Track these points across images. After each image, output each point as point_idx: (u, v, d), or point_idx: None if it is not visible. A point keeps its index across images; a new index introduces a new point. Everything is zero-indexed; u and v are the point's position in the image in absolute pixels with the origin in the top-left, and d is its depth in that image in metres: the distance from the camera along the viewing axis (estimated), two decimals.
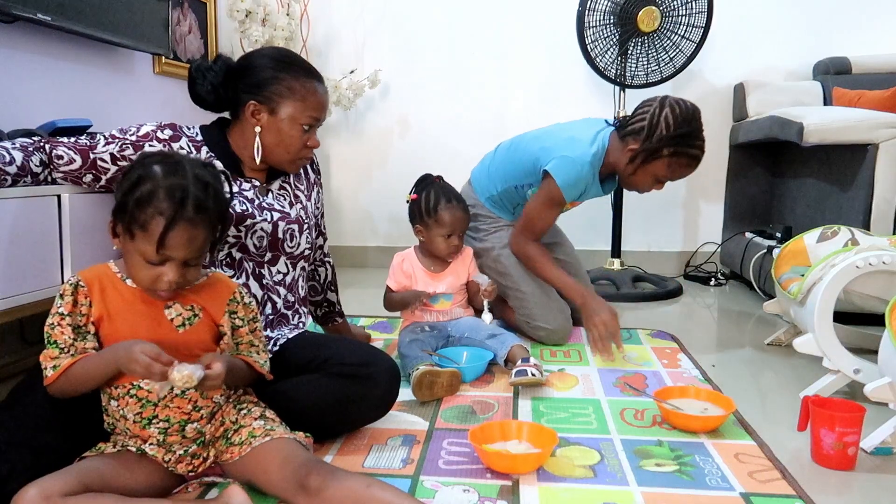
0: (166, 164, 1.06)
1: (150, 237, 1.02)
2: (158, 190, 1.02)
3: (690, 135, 1.84)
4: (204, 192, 1.05)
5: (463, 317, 1.95)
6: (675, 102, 1.85)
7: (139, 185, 1.03)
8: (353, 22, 3.35)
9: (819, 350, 1.57)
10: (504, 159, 2.14)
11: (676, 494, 1.15)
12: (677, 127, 1.82)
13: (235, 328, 1.17)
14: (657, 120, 1.84)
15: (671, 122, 1.82)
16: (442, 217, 1.86)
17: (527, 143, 2.08)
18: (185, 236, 1.03)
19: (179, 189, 1.03)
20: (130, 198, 1.02)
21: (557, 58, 3.26)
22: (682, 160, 1.87)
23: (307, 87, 1.41)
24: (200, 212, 1.04)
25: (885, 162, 2.09)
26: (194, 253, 1.07)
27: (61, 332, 1.04)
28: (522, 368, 1.65)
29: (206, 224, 1.07)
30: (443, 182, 1.95)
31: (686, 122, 1.83)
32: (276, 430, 1.13)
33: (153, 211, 1.01)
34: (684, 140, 1.84)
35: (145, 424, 1.09)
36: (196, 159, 1.12)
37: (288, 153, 1.43)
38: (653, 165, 1.89)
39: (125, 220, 1.03)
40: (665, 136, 1.83)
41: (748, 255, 2.63)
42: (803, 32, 3.14)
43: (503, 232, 2.15)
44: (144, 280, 1.06)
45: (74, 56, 2.06)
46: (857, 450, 1.27)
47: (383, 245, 3.47)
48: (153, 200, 1.01)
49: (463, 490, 1.16)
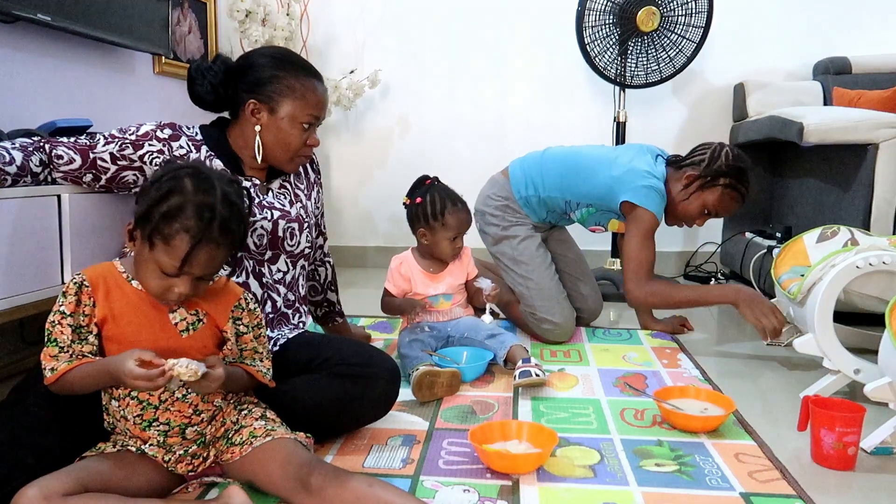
0: (197, 179, 1.04)
1: (172, 251, 1.01)
2: (187, 206, 1.01)
3: (745, 173, 2.00)
4: (230, 212, 1.05)
5: (463, 317, 1.95)
6: (732, 147, 2.03)
7: (168, 197, 1.02)
8: (353, 22, 3.35)
9: (819, 350, 1.57)
10: (562, 172, 2.14)
11: (676, 494, 1.15)
12: (736, 161, 1.99)
13: (240, 335, 1.17)
14: (718, 154, 2.00)
15: (731, 157, 1.99)
16: (448, 221, 1.85)
17: (592, 166, 2.11)
18: (206, 256, 1.03)
19: (208, 208, 1.02)
20: (157, 208, 1.01)
21: (557, 58, 3.26)
22: (734, 194, 2.01)
23: (306, 85, 1.41)
24: (225, 233, 1.04)
25: (885, 162, 2.09)
26: (211, 270, 1.07)
27: (61, 332, 1.04)
28: (526, 369, 1.64)
29: (228, 244, 1.07)
30: (441, 183, 1.94)
31: (742, 160, 2.00)
32: (277, 431, 1.13)
33: (179, 227, 1.01)
34: (740, 174, 1.99)
35: (145, 427, 1.09)
36: (224, 175, 1.11)
37: (288, 152, 1.43)
38: (707, 193, 2.02)
39: (148, 229, 1.02)
40: (724, 165, 1.98)
41: (748, 255, 2.63)
42: (803, 32, 3.14)
43: (527, 227, 2.18)
44: (155, 289, 1.06)
45: (74, 56, 2.06)
46: (857, 450, 1.27)
47: (383, 245, 3.47)
48: (181, 216, 1.01)
49: (463, 490, 1.16)
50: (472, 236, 2.24)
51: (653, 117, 3.23)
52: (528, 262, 2.13)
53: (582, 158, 2.15)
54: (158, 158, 1.35)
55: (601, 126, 3.15)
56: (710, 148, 2.03)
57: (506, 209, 2.19)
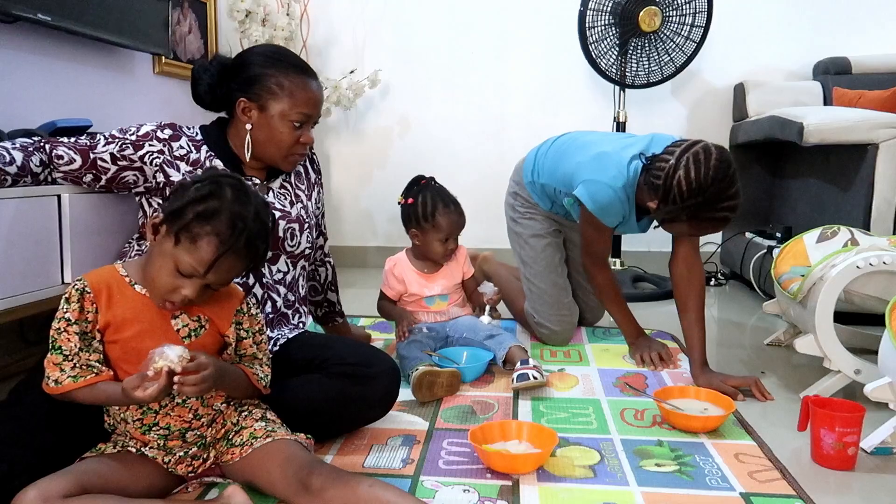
0: (238, 191, 1.06)
1: (196, 251, 1.02)
2: (223, 212, 1.02)
3: (707, 203, 1.56)
4: (259, 229, 1.07)
5: (461, 316, 1.94)
6: (693, 162, 1.55)
7: (207, 199, 1.03)
8: (353, 22, 3.35)
9: (819, 350, 1.57)
10: (553, 157, 2.00)
11: (676, 494, 1.15)
12: (690, 195, 1.55)
13: (239, 339, 1.17)
14: (670, 183, 1.57)
15: (684, 189, 1.55)
16: (439, 222, 1.85)
17: (572, 151, 1.93)
18: (227, 265, 1.04)
19: (241, 219, 1.03)
20: (193, 207, 1.02)
21: (557, 58, 3.26)
22: (705, 224, 1.63)
23: (296, 82, 1.40)
24: (250, 248, 1.05)
25: (885, 162, 2.09)
26: (224, 281, 1.08)
27: (67, 339, 1.03)
28: (524, 372, 1.63)
29: (248, 260, 1.08)
30: (436, 184, 1.93)
31: (700, 190, 1.54)
32: (278, 432, 1.13)
33: (211, 230, 1.01)
34: (700, 208, 1.57)
35: (145, 430, 1.09)
36: (260, 195, 1.13)
37: (280, 150, 1.42)
38: (676, 226, 1.68)
39: (177, 225, 1.02)
40: (679, 205, 1.57)
41: (748, 255, 2.63)
42: (803, 32, 3.14)
43: (537, 222, 2.10)
44: (162, 287, 1.05)
45: (74, 56, 2.06)
46: (856, 450, 1.27)
47: (383, 245, 3.47)
48: (215, 220, 1.02)
49: (463, 490, 1.16)
50: (473, 236, 2.24)
51: (653, 117, 3.23)
52: (531, 265, 2.09)
53: (573, 143, 1.97)
54: (159, 159, 1.35)
55: (601, 126, 3.14)
56: (665, 171, 1.59)
57: (516, 196, 2.14)
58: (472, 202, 3.37)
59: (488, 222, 3.52)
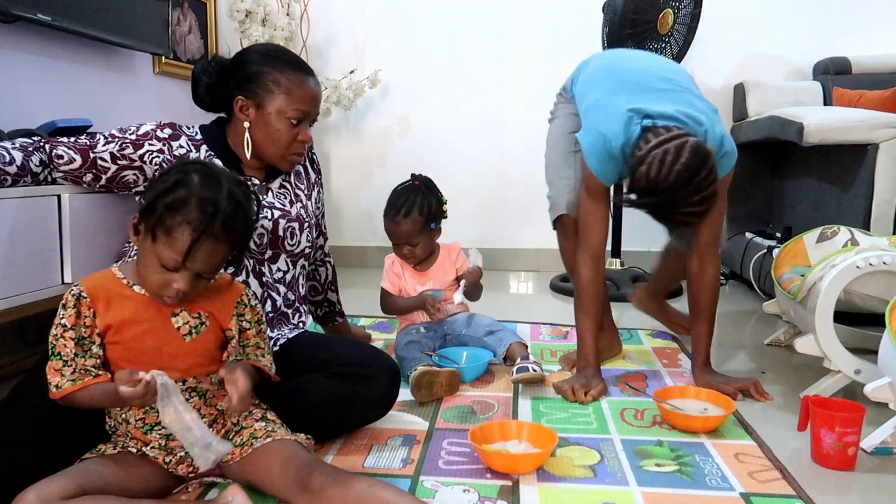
0: (204, 176, 1.05)
1: (172, 243, 1.01)
2: (191, 199, 1.01)
3: (664, 204, 1.44)
4: (234, 210, 1.05)
5: (458, 313, 1.94)
6: (658, 161, 1.40)
7: (174, 189, 1.02)
8: (353, 22, 3.35)
9: (820, 350, 1.57)
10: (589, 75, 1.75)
11: (676, 494, 1.15)
12: (648, 193, 1.43)
13: (243, 331, 1.17)
14: (634, 175, 1.46)
15: (643, 186, 1.43)
16: (385, 226, 1.87)
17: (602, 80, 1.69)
18: (207, 251, 1.03)
19: (212, 203, 1.02)
20: (162, 200, 1.02)
21: (557, 58, 3.25)
22: (664, 223, 1.54)
23: (292, 80, 1.39)
24: (227, 230, 1.04)
25: (885, 162, 2.09)
26: (210, 268, 1.07)
27: (64, 345, 1.03)
28: (524, 365, 1.65)
29: (229, 243, 1.06)
30: (406, 186, 1.89)
31: (657, 190, 1.41)
32: (278, 432, 1.14)
33: (182, 219, 1.01)
34: (658, 208, 1.46)
35: (147, 430, 1.09)
36: (232, 175, 1.11)
37: (278, 148, 1.42)
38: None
39: (151, 221, 1.02)
40: (638, 199, 1.46)
41: (748, 255, 2.63)
42: (803, 32, 3.14)
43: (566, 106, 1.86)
44: (154, 284, 1.05)
45: (74, 56, 2.06)
46: (856, 450, 1.27)
47: (383, 245, 3.43)
48: (184, 209, 1.01)
49: (463, 490, 1.16)
50: (473, 235, 2.23)
51: None
52: (546, 143, 1.88)
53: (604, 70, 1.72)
54: (158, 158, 1.35)
55: None
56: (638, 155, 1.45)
57: (560, 96, 1.93)
58: (472, 202, 3.39)
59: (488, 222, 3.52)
